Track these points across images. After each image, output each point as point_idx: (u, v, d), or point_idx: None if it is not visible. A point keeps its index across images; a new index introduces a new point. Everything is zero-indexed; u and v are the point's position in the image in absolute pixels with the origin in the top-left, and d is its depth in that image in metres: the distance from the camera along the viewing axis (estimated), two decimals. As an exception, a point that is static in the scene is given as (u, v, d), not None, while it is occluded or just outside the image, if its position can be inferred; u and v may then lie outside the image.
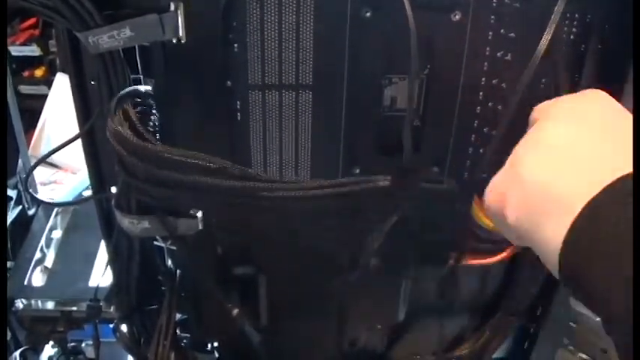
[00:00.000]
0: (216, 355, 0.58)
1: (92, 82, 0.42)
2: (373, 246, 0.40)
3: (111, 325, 0.60)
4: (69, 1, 0.37)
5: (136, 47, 0.40)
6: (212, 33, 0.38)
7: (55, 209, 0.74)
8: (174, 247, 0.46)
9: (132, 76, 0.41)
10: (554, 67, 0.43)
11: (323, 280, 0.47)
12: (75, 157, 0.44)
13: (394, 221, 0.38)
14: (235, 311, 0.45)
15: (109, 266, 0.51)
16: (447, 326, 0.57)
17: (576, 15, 0.41)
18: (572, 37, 0.43)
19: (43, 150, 1.10)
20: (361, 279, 0.46)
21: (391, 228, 0.38)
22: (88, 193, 0.97)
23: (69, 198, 0.93)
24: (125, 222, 0.43)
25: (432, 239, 0.41)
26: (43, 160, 0.45)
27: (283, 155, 0.43)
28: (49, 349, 0.67)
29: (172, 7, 0.37)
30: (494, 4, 0.40)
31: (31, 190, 0.72)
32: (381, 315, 0.54)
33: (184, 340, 0.54)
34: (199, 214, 0.42)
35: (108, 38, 0.37)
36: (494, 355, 0.60)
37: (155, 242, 0.47)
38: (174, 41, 0.37)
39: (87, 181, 0.99)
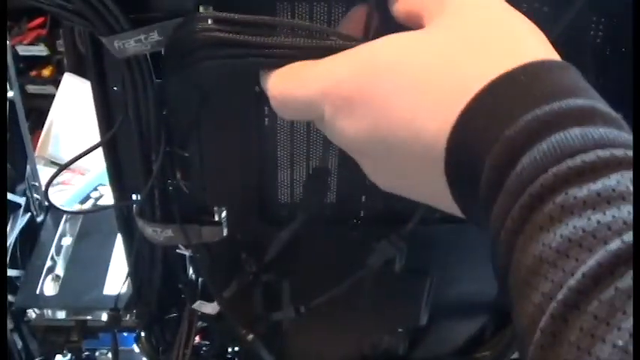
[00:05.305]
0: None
1: (114, 88, 0.41)
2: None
3: (125, 334, 0.59)
4: (93, 4, 0.36)
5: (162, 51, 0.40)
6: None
7: (65, 215, 0.72)
8: (197, 255, 0.45)
9: (156, 81, 0.40)
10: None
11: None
12: (84, 157, 0.43)
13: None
14: (250, 337, 0.44)
15: (126, 274, 0.50)
16: (468, 328, 0.56)
17: (602, 19, 0.42)
18: (597, 40, 0.43)
19: (50, 150, 1.09)
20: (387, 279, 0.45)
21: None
22: (96, 194, 0.96)
23: (76, 200, 0.91)
24: (148, 230, 0.43)
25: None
26: (65, 168, 0.44)
27: (310, 162, 0.43)
28: (59, 359, 0.66)
29: (201, 11, 0.36)
30: (524, 9, 0.40)
31: (45, 199, 0.70)
32: (404, 318, 0.53)
33: (204, 348, 0.53)
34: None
35: (135, 42, 0.36)
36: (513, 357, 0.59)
37: (177, 250, 0.46)
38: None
39: (95, 183, 0.98)
